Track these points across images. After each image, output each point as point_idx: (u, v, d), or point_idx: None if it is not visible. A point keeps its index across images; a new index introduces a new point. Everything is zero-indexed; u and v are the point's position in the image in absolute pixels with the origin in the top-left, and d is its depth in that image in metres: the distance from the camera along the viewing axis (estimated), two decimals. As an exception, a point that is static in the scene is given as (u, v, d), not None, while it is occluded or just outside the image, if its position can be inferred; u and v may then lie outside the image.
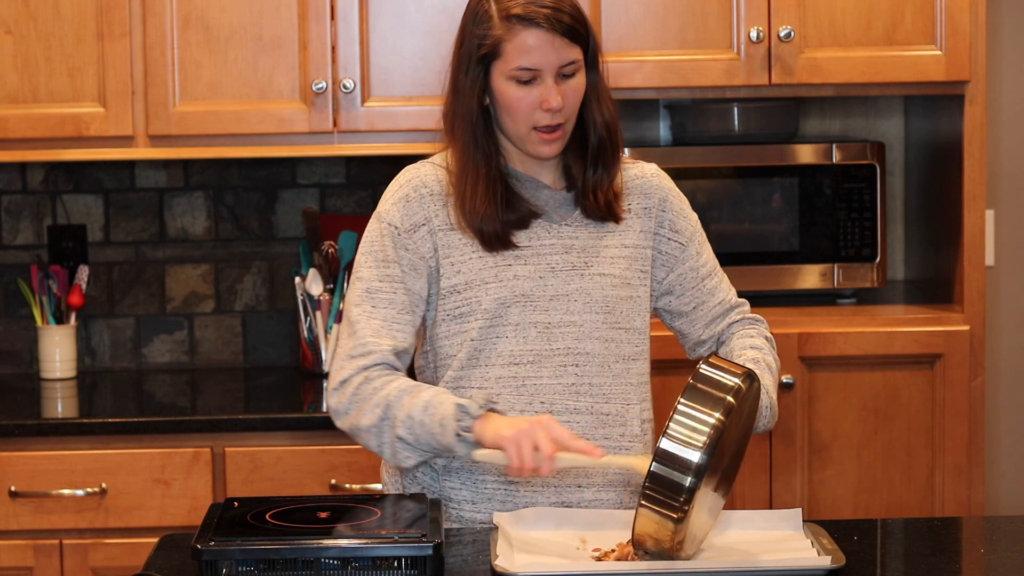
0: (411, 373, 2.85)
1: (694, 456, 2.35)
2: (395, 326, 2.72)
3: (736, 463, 2.54)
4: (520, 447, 2.51)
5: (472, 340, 2.74)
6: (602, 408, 2.76)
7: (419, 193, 2.76)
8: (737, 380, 2.44)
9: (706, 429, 2.37)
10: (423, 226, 2.75)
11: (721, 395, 2.41)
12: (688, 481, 2.34)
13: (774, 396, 2.76)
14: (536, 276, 2.75)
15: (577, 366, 2.75)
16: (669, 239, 2.84)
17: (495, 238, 2.73)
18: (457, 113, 2.75)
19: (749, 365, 2.75)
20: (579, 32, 2.69)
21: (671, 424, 2.37)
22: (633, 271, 2.80)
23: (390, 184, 2.82)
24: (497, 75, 2.70)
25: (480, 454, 2.58)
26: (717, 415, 2.38)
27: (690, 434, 2.36)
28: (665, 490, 2.35)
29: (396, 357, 2.72)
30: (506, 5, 2.68)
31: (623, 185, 2.81)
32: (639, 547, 2.41)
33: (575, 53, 2.69)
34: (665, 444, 2.36)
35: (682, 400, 2.39)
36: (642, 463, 2.50)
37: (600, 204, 2.77)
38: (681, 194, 2.88)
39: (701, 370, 2.44)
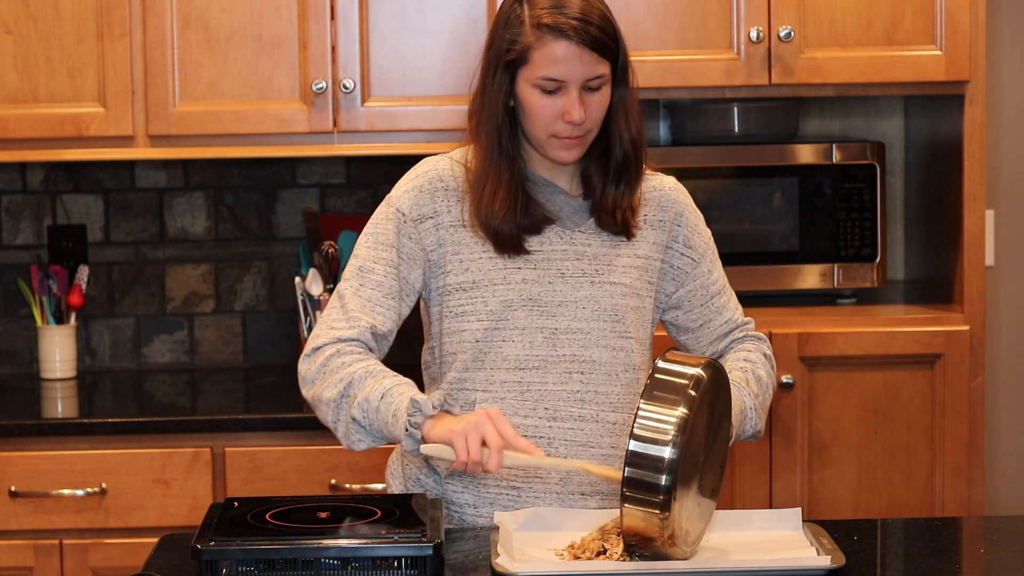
0: (417, 368, 2.85)
1: (664, 452, 2.36)
2: (378, 308, 2.72)
3: (720, 457, 2.54)
4: (468, 440, 2.50)
5: (476, 341, 2.74)
6: (608, 417, 2.75)
7: (433, 186, 2.76)
8: (697, 370, 2.44)
9: (672, 422, 2.37)
10: (430, 219, 2.75)
11: (682, 385, 2.41)
12: (663, 479, 2.35)
13: (758, 405, 2.76)
14: (545, 281, 2.74)
15: (583, 373, 2.74)
16: (682, 254, 2.83)
17: (509, 241, 2.72)
18: (483, 115, 2.74)
19: (736, 374, 2.75)
20: (608, 46, 2.68)
21: (636, 425, 2.37)
22: (643, 282, 2.79)
23: (408, 172, 2.82)
24: (522, 81, 2.69)
25: (428, 448, 2.56)
26: (680, 409, 2.38)
27: (656, 432, 2.36)
28: (643, 492, 2.36)
29: (374, 338, 2.71)
30: (538, 13, 2.67)
31: (641, 196, 2.81)
32: (633, 550, 2.41)
33: (602, 67, 2.68)
34: (633, 446, 2.36)
35: (643, 399, 2.39)
36: (590, 465, 2.53)
37: (617, 220, 2.76)
38: (697, 210, 2.88)
39: (659, 366, 2.44)
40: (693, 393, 2.41)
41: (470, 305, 2.74)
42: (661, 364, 2.45)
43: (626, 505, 2.36)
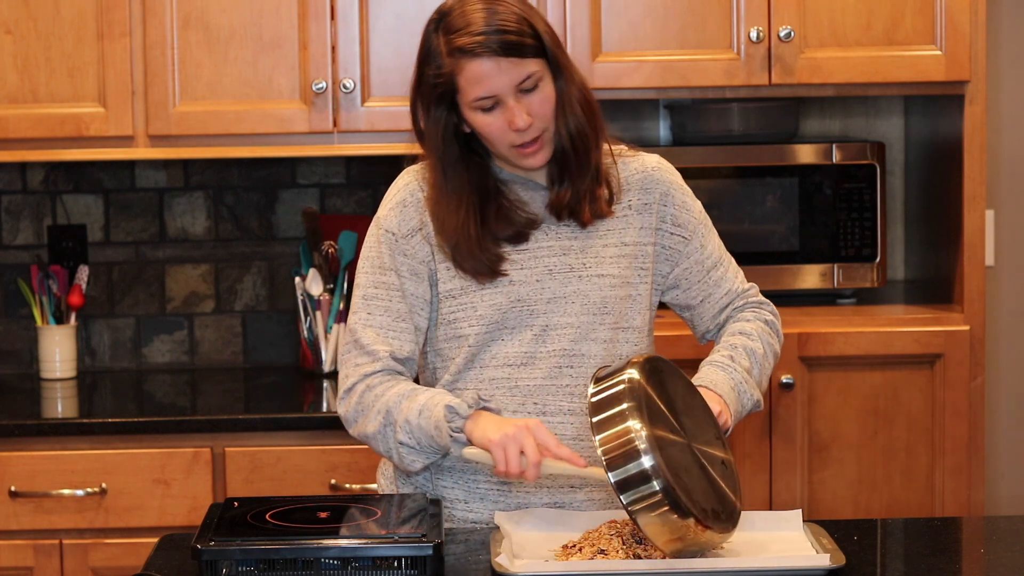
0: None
1: (644, 463, 2.38)
2: (391, 333, 2.73)
3: (708, 423, 2.56)
4: (506, 451, 2.52)
5: (470, 346, 2.74)
6: None
7: (415, 198, 2.76)
8: (626, 375, 2.47)
9: (631, 435, 2.40)
10: (419, 231, 2.74)
11: (619, 404, 2.44)
12: (658, 484, 2.37)
13: (750, 377, 2.76)
14: (533, 280, 2.74)
15: (572, 367, 2.75)
16: (672, 233, 2.82)
17: (487, 273, 2.72)
18: (429, 155, 2.74)
19: (721, 353, 2.77)
20: (525, 45, 2.63)
21: (603, 459, 2.40)
22: (633, 269, 2.78)
23: (389, 188, 2.81)
24: (463, 107, 2.67)
25: (469, 452, 2.59)
26: (630, 422, 2.41)
27: (623, 453, 2.40)
28: (647, 505, 2.38)
29: (398, 363, 2.72)
30: (450, 38, 2.64)
31: (620, 181, 2.79)
32: (677, 555, 2.42)
33: (529, 67, 2.64)
34: (613, 476, 2.39)
35: (594, 433, 2.43)
36: None
37: (562, 215, 2.74)
38: (683, 185, 2.85)
39: (591, 391, 2.48)
40: (632, 402, 2.43)
41: (461, 312, 2.74)
42: (592, 388, 2.49)
43: (639, 521, 2.38)
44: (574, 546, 2.50)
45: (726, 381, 2.72)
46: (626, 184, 2.80)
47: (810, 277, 3.95)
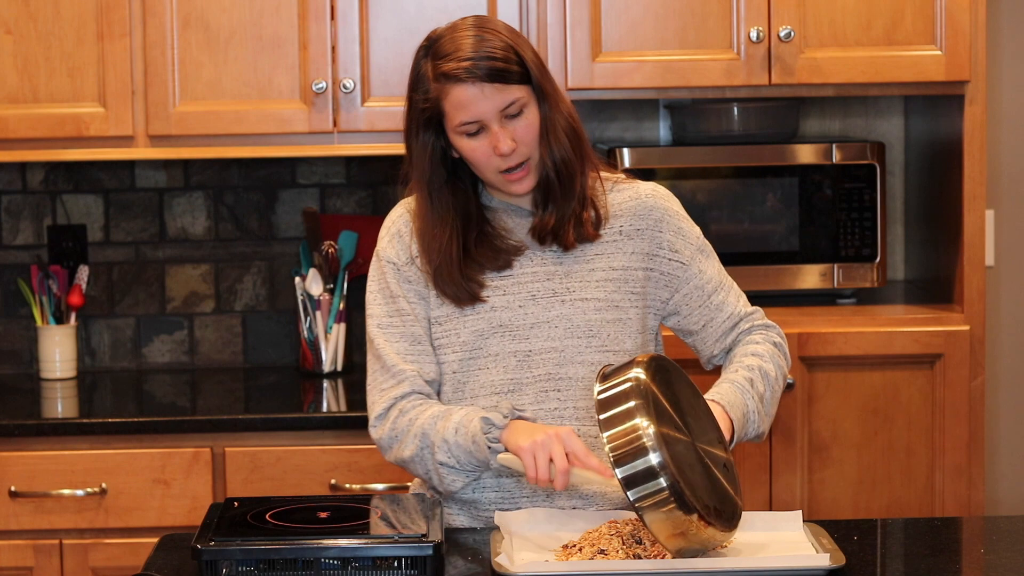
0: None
1: (652, 460, 2.39)
2: (410, 356, 2.76)
3: (709, 424, 2.57)
4: (536, 459, 2.55)
5: (454, 372, 2.77)
6: (590, 431, 2.75)
7: (409, 228, 2.80)
8: (632, 374, 2.48)
9: (638, 432, 2.41)
10: (415, 260, 2.78)
11: (627, 401, 2.45)
12: (665, 480, 2.38)
13: (761, 407, 2.75)
14: (516, 305, 2.75)
15: (559, 391, 2.75)
16: (670, 260, 2.81)
17: (467, 299, 2.74)
18: (414, 179, 2.76)
19: (741, 373, 2.75)
20: (510, 72, 2.66)
21: (611, 455, 2.41)
22: (622, 293, 2.78)
23: (384, 221, 2.85)
24: (449, 132, 2.70)
25: (503, 458, 2.62)
26: (637, 419, 2.42)
27: (631, 450, 2.40)
28: (654, 501, 2.38)
29: (426, 384, 2.75)
30: (437, 63, 2.68)
31: (609, 206, 2.79)
32: (680, 554, 2.42)
33: (514, 93, 2.67)
34: (620, 472, 2.40)
35: (602, 430, 2.44)
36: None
37: (544, 239, 2.75)
38: (679, 212, 2.84)
39: (598, 389, 2.49)
40: (639, 399, 2.44)
41: (445, 338, 2.76)
42: (599, 387, 2.50)
43: (646, 517, 2.39)
44: (574, 546, 2.50)
45: (740, 406, 2.72)
46: (618, 210, 2.80)
47: (810, 277, 3.95)
